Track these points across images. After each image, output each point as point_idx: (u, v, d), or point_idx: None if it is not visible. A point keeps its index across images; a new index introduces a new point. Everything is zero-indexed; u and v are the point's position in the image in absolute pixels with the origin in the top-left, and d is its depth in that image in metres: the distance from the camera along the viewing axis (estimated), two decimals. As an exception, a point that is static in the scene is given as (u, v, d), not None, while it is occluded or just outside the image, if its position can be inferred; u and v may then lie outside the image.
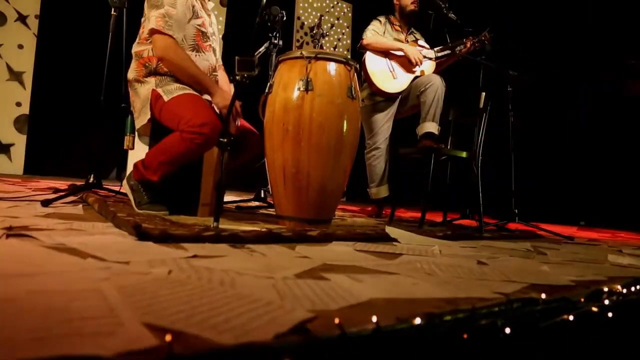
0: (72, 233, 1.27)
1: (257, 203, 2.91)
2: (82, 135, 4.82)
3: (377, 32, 3.18)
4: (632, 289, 1.10)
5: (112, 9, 2.38)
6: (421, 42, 3.28)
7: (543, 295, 0.91)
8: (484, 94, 2.67)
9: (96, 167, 2.41)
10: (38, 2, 4.71)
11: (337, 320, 0.58)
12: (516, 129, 2.95)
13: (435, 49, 3.19)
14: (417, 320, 0.62)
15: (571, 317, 0.87)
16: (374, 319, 0.59)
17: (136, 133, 2.25)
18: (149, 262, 0.95)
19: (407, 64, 3.13)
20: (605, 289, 1.09)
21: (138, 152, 2.32)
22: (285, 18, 2.60)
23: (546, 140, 5.17)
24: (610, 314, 0.94)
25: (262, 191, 2.92)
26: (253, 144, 2.32)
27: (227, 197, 4.11)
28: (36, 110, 4.76)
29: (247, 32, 2.66)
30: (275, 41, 2.71)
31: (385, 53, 3.13)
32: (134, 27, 2.06)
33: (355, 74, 2.07)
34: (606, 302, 0.98)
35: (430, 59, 3.16)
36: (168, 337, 0.48)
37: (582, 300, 0.96)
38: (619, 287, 1.10)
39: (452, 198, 3.18)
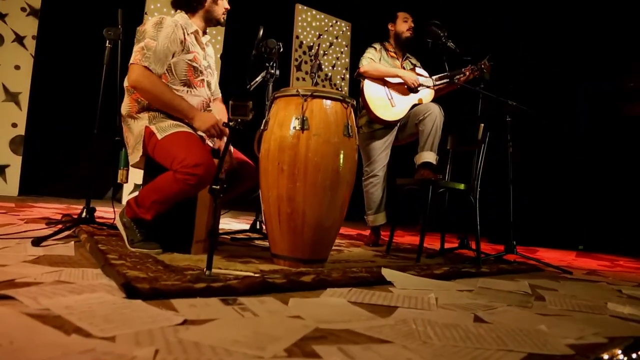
0: (60, 289, 1.24)
1: (252, 235, 2.88)
2: (78, 157, 4.82)
3: (373, 59, 3.16)
4: (633, 355, 1.08)
5: (107, 41, 2.36)
6: (419, 69, 3.27)
7: (541, 378, 0.88)
8: (482, 125, 2.65)
9: (88, 202, 2.38)
10: (35, 23, 4.71)
11: None
12: (515, 159, 2.93)
13: (434, 77, 3.17)
14: None
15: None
16: None
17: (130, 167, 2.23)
18: (135, 337, 0.92)
19: (405, 91, 3.12)
20: (605, 357, 1.06)
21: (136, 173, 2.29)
22: (282, 50, 2.58)
23: (545, 164, 5.16)
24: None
25: (258, 222, 2.88)
26: (248, 176, 2.30)
27: (223, 220, 4.08)
28: (32, 131, 4.75)
29: (246, 52, 2.65)
30: (272, 71, 2.70)
31: (383, 80, 3.12)
32: (128, 60, 2.04)
33: (352, 112, 2.05)
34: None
35: (429, 87, 3.14)
36: None
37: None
38: (619, 354, 1.07)
39: (451, 222, 3.15)
